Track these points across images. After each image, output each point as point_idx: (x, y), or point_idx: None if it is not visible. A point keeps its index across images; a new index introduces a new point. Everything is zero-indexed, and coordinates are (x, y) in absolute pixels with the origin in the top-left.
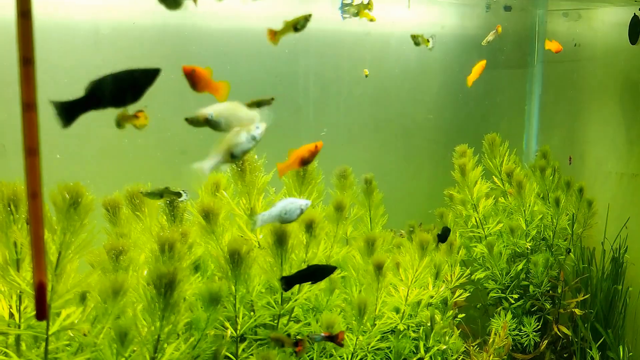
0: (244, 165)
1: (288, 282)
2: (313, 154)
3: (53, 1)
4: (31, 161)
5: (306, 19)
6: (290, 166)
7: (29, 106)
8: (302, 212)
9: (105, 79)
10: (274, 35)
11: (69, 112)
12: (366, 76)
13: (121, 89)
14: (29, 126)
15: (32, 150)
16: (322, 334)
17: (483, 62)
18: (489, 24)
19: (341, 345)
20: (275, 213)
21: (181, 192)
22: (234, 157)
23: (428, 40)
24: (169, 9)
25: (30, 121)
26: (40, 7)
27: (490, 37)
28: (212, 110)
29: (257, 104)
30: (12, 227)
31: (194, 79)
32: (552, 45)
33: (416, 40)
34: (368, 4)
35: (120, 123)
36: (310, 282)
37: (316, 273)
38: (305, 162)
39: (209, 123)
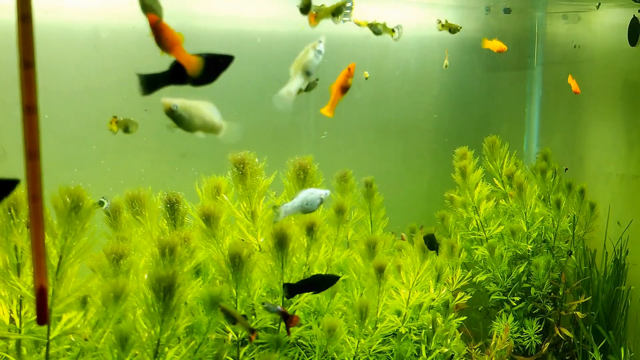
0: (245, 168)
1: (291, 290)
2: (349, 77)
3: (53, 4)
4: (32, 164)
5: (345, 5)
6: (335, 100)
7: (29, 109)
8: (322, 201)
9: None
10: (314, 18)
11: (151, 83)
12: (366, 78)
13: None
14: (30, 129)
15: (33, 154)
16: (278, 307)
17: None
18: (488, 26)
19: (288, 326)
20: (297, 204)
21: (102, 200)
22: (309, 74)
23: (393, 31)
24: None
25: (31, 124)
26: (40, 10)
27: (446, 62)
28: (178, 102)
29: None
30: (13, 231)
31: (159, 33)
32: (491, 45)
33: (376, 29)
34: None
35: (127, 128)
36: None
37: (320, 282)
38: (346, 88)
39: (172, 114)
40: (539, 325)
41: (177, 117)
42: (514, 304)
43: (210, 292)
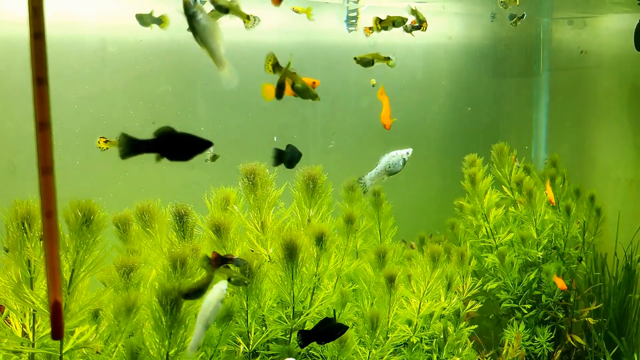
0: (256, 179)
1: (305, 337)
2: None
3: (61, 19)
4: (46, 180)
5: (404, 20)
6: (388, 112)
7: (43, 125)
8: (405, 161)
9: (171, 133)
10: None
11: (132, 147)
12: (373, 85)
13: (179, 147)
14: (43, 145)
15: (46, 169)
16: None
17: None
18: (494, 33)
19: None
20: (381, 168)
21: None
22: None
23: (389, 59)
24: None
25: (44, 140)
26: (49, 25)
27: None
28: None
29: None
30: (27, 245)
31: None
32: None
33: (364, 61)
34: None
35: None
36: (322, 341)
37: (332, 331)
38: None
39: (188, 11)
40: (551, 333)
41: (194, 20)
42: (525, 311)
43: None
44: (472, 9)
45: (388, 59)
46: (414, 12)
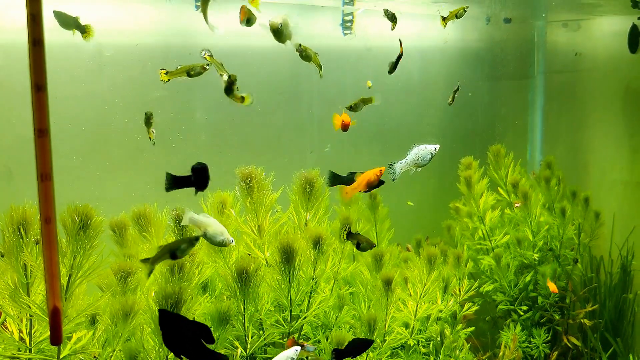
0: (252, 182)
1: (338, 355)
2: (378, 177)
3: (57, 23)
4: (45, 186)
5: (464, 9)
6: (356, 189)
7: (42, 132)
8: (432, 156)
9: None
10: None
11: (175, 183)
12: (369, 88)
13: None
14: (42, 152)
15: (45, 176)
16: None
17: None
18: (490, 36)
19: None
20: (410, 159)
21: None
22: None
23: (371, 100)
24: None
25: (43, 147)
26: (46, 29)
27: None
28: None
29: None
30: (23, 251)
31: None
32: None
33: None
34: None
35: None
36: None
37: (360, 346)
38: (370, 185)
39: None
40: (547, 334)
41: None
42: (522, 313)
43: (218, 308)
44: (467, 12)
45: (370, 99)
46: (388, 15)
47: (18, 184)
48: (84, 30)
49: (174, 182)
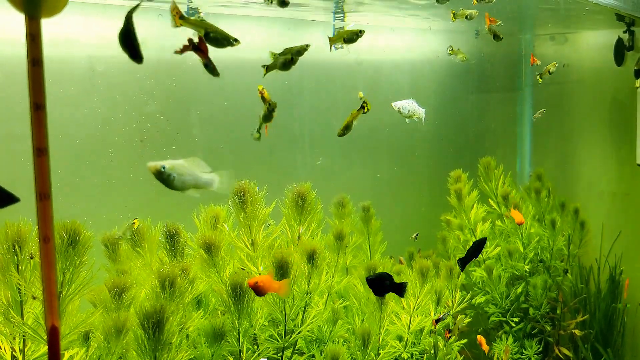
0: (246, 197)
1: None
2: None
3: (49, 37)
4: (43, 205)
5: (357, 34)
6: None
7: (40, 151)
8: (411, 115)
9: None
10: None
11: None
12: (360, 98)
13: None
14: (41, 171)
15: (44, 195)
16: None
17: None
18: (478, 50)
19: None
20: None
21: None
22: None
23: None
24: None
25: (42, 166)
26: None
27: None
28: (167, 163)
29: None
30: (18, 268)
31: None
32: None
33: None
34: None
35: None
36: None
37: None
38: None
39: (161, 176)
40: (539, 345)
41: (166, 179)
42: (513, 324)
43: (212, 323)
44: (456, 26)
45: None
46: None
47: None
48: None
49: None
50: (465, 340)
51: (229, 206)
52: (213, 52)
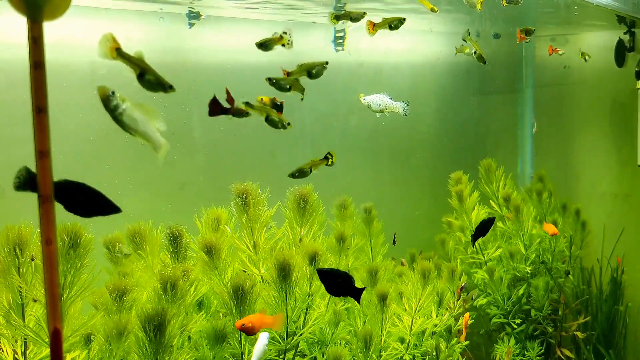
0: (248, 199)
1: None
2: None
3: (50, 41)
4: (45, 208)
5: (400, 21)
6: None
7: (42, 154)
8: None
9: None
10: (372, 27)
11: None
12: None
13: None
14: (43, 174)
15: (46, 198)
16: None
17: None
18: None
19: None
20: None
21: None
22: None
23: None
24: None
25: (44, 169)
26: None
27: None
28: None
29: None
30: (20, 271)
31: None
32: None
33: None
34: None
35: None
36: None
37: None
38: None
39: (108, 103)
40: (541, 347)
41: (113, 109)
42: (515, 326)
43: (214, 325)
44: (457, 28)
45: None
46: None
47: (11, 204)
48: None
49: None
50: (467, 342)
51: (231, 208)
52: (213, 52)
